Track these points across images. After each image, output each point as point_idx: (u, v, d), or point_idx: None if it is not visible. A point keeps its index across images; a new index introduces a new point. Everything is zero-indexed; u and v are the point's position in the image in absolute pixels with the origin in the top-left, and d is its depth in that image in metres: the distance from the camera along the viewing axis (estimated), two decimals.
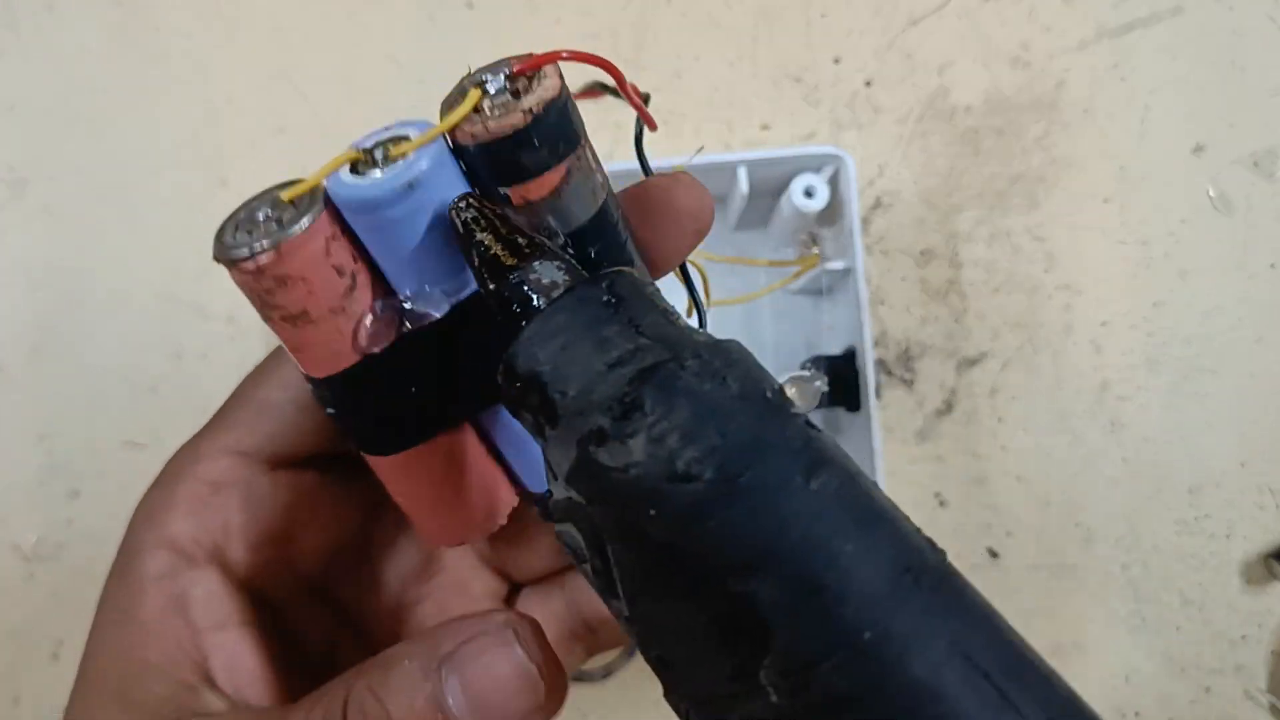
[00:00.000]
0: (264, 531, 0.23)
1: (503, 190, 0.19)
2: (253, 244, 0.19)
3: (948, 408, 0.50)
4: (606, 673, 0.48)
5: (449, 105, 0.19)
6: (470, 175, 0.20)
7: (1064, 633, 0.49)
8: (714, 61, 0.52)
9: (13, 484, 0.49)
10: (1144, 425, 0.50)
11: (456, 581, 0.27)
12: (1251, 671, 0.49)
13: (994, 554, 0.49)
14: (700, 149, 0.50)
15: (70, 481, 0.49)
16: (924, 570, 0.15)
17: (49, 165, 0.51)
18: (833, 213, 0.45)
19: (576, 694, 0.48)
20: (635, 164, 0.46)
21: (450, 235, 0.19)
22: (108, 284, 0.51)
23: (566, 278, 0.18)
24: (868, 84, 0.52)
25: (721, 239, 0.50)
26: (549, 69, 0.19)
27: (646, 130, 0.23)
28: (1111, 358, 0.50)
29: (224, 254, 0.19)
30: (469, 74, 0.19)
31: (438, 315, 0.20)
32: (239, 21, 0.52)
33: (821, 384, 0.16)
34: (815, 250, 0.47)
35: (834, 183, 0.44)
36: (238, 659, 0.22)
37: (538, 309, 0.17)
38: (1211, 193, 0.51)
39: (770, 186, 0.46)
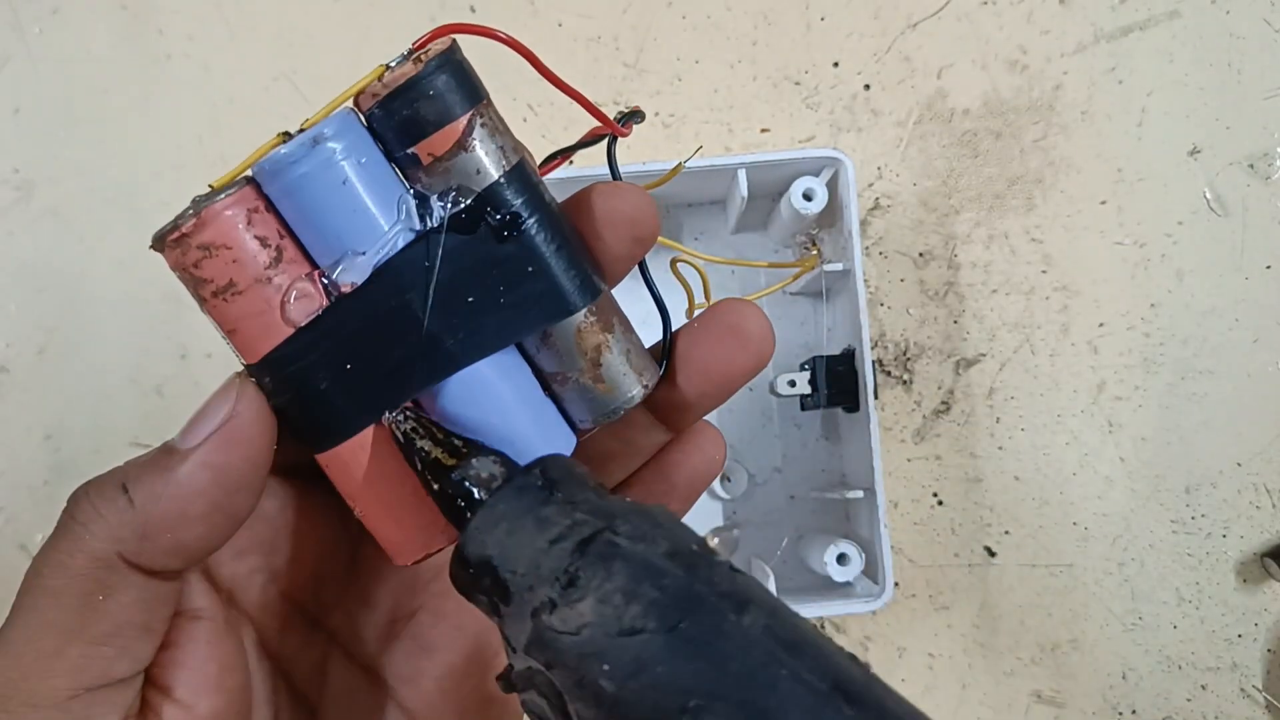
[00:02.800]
0: (249, 534, 0.23)
1: (411, 151, 0.20)
2: (179, 219, 0.20)
3: (945, 408, 0.50)
4: None
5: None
6: (381, 144, 0.21)
7: (1061, 631, 0.49)
8: (714, 64, 0.52)
9: (19, 484, 0.50)
10: (1141, 425, 0.50)
11: (449, 586, 0.27)
12: (1247, 669, 0.49)
13: (991, 553, 0.50)
14: (699, 149, 0.51)
15: (76, 481, 0.49)
16: (850, 684, 0.17)
17: (54, 167, 0.52)
18: (832, 215, 0.45)
19: None
20: (637, 167, 0.46)
21: (364, 194, 0.20)
22: (113, 285, 0.51)
23: (502, 470, 0.20)
24: (866, 87, 0.52)
25: (721, 241, 0.50)
26: (443, 37, 0.21)
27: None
28: (1108, 358, 0.50)
29: (155, 238, 0.20)
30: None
31: (360, 281, 0.21)
32: (242, 24, 0.53)
33: (738, 533, 0.18)
34: (814, 252, 0.48)
35: (833, 185, 0.45)
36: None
37: (480, 501, 0.19)
38: (1208, 195, 0.51)
39: (770, 189, 0.47)
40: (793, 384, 0.46)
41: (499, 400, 0.22)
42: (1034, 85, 0.52)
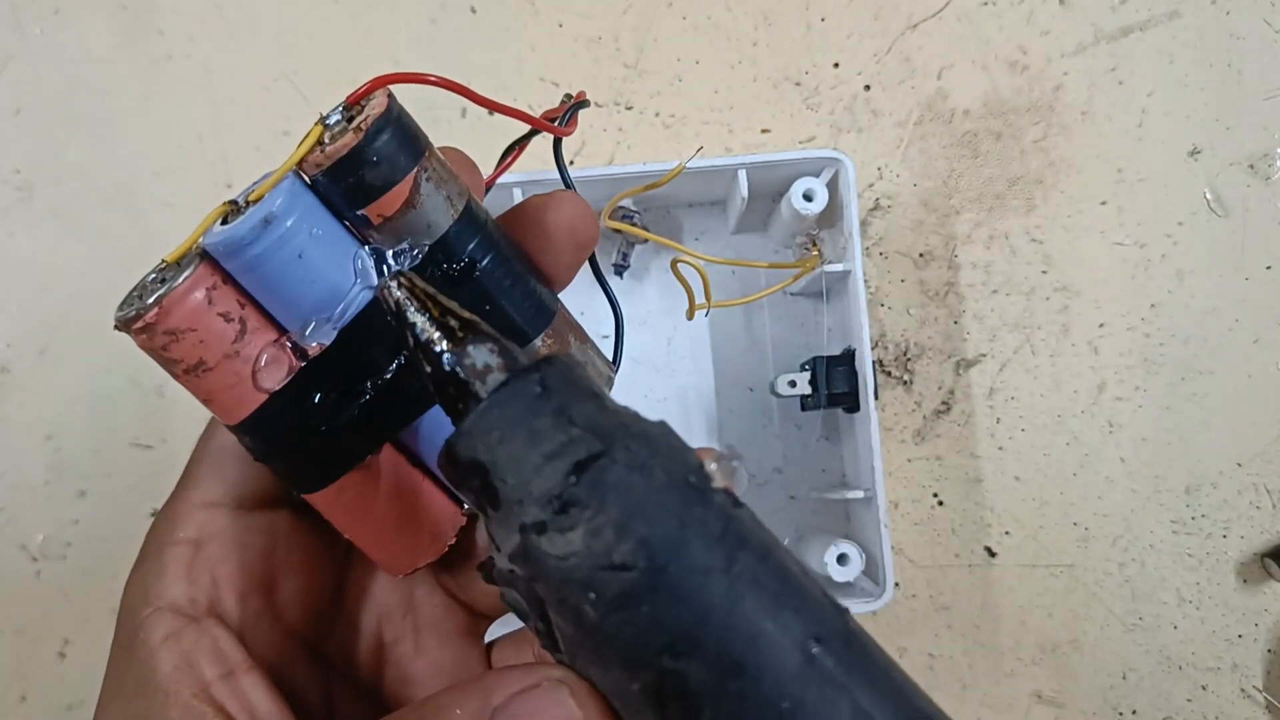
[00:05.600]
0: (249, 577, 0.24)
1: (360, 213, 0.21)
2: (140, 305, 0.20)
3: (946, 408, 0.50)
4: None
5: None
6: (330, 206, 0.21)
7: (1061, 631, 0.49)
8: (714, 65, 0.52)
9: (20, 484, 0.50)
10: (1141, 426, 0.50)
11: (429, 620, 0.27)
12: (1247, 670, 0.49)
13: (991, 553, 0.50)
14: (699, 150, 0.51)
15: (77, 482, 0.50)
16: (832, 637, 0.17)
17: (55, 168, 0.52)
18: (832, 215, 0.45)
19: None
20: (637, 167, 0.46)
21: (321, 263, 0.20)
22: (114, 286, 0.51)
23: (499, 359, 0.19)
24: (867, 88, 0.52)
25: (721, 241, 0.50)
26: (379, 93, 0.21)
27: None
28: (1109, 359, 0.51)
29: (120, 321, 0.20)
30: (319, 119, 0.21)
31: (328, 343, 0.21)
32: (242, 25, 0.53)
33: (741, 464, 0.17)
34: (814, 253, 0.48)
35: (833, 186, 0.45)
36: (253, 703, 0.22)
37: (473, 394, 0.19)
38: (1208, 195, 0.51)
39: (770, 189, 0.47)
40: (793, 384, 0.46)
41: None
42: (1034, 86, 0.52)
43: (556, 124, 0.25)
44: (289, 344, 0.21)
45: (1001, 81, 0.52)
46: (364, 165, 0.20)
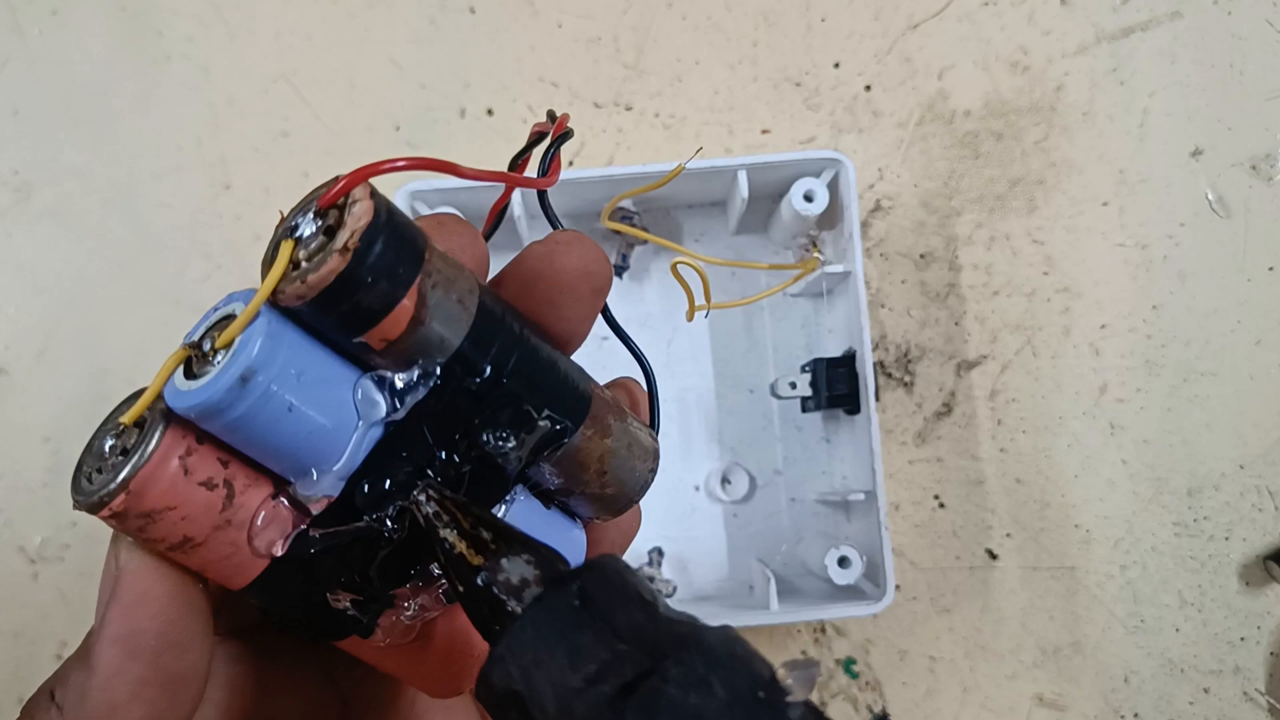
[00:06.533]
0: (215, 707, 0.20)
1: (357, 340, 0.17)
2: (104, 488, 0.17)
3: (947, 410, 0.50)
4: None
5: (267, 263, 0.17)
6: (317, 335, 0.17)
7: (1063, 634, 0.49)
8: (714, 65, 0.52)
9: (18, 486, 0.50)
10: (1143, 427, 0.50)
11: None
12: (1250, 673, 0.49)
13: (993, 555, 0.50)
14: (699, 151, 0.51)
15: None
16: None
17: (53, 169, 0.52)
18: (832, 216, 0.45)
19: None
20: (637, 168, 0.46)
21: (316, 409, 0.17)
22: (112, 287, 0.51)
23: (536, 573, 0.17)
24: (867, 88, 0.52)
25: (722, 242, 0.50)
26: (357, 191, 0.16)
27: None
28: (1110, 360, 0.50)
29: (82, 503, 0.17)
30: (281, 220, 0.17)
31: (335, 495, 0.18)
32: (241, 25, 0.52)
33: (816, 670, 0.15)
34: (815, 254, 0.47)
35: (833, 187, 0.45)
36: None
37: (509, 613, 0.17)
38: (1210, 196, 0.51)
39: (770, 190, 0.47)
40: (794, 386, 0.46)
41: None
42: (1035, 86, 0.52)
43: (539, 169, 0.21)
44: (286, 500, 0.18)
45: (1003, 82, 0.52)
46: (357, 290, 0.16)
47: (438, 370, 0.18)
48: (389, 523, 0.18)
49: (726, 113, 0.52)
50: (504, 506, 0.20)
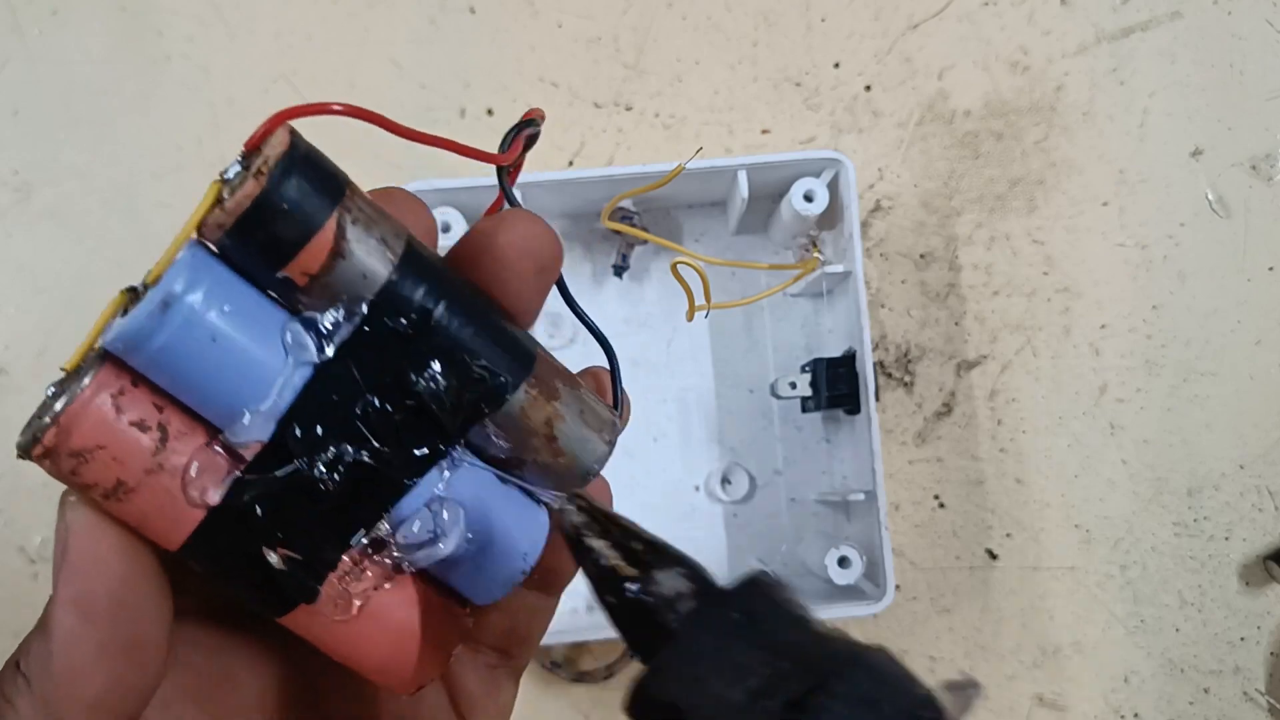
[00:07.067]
0: (175, 686, 0.20)
1: (282, 275, 0.17)
2: (37, 427, 0.17)
3: (947, 410, 0.50)
4: (609, 673, 0.48)
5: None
6: (246, 275, 0.18)
7: (1063, 634, 0.49)
8: (714, 65, 0.52)
9: (18, 486, 0.50)
10: (1143, 427, 0.50)
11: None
12: (1250, 673, 0.49)
13: (993, 555, 0.50)
14: (699, 151, 0.51)
15: None
16: None
17: (53, 169, 0.52)
18: (832, 216, 0.45)
19: (577, 694, 0.48)
20: (637, 168, 0.46)
21: (241, 344, 0.17)
22: (112, 288, 0.51)
23: (690, 586, 0.17)
24: (867, 88, 0.52)
25: (722, 242, 0.50)
26: (277, 130, 0.17)
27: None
28: (1110, 360, 0.50)
29: (19, 449, 0.17)
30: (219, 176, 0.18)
31: (266, 437, 0.18)
32: (241, 26, 0.52)
33: (975, 691, 0.14)
34: (815, 254, 0.47)
35: (834, 186, 0.45)
36: None
37: (664, 627, 0.17)
38: (1210, 196, 0.51)
39: (770, 190, 0.47)
40: (793, 386, 0.46)
41: (459, 508, 0.20)
42: (1035, 86, 0.52)
43: (500, 147, 0.21)
44: (220, 447, 0.18)
45: (1003, 82, 0.52)
46: (273, 216, 0.17)
47: (364, 309, 0.18)
48: (322, 468, 0.18)
49: (726, 113, 0.52)
50: (446, 470, 0.19)
